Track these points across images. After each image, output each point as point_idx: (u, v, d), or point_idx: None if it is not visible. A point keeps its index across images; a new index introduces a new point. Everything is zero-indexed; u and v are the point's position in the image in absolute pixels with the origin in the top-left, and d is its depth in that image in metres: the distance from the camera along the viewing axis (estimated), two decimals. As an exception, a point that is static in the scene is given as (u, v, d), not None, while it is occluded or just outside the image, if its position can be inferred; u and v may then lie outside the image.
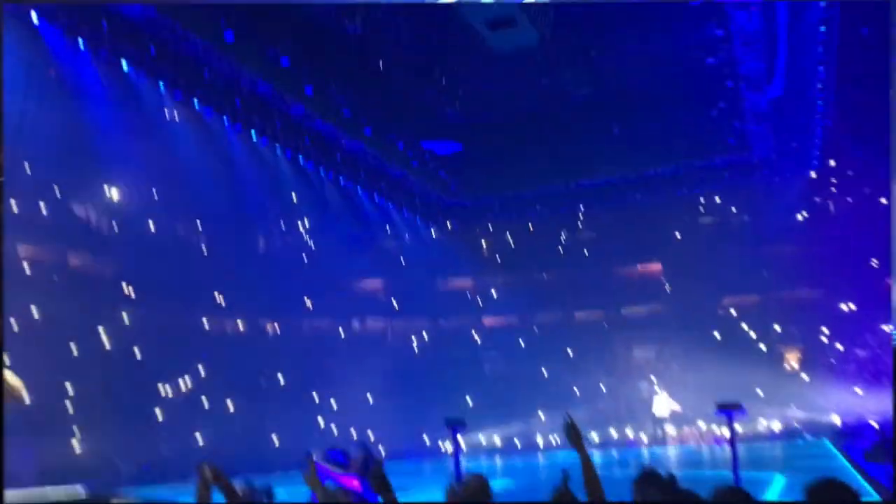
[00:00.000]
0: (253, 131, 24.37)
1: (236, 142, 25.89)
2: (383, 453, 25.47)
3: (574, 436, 5.49)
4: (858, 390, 29.43)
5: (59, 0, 17.49)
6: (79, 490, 11.30)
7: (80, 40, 18.52)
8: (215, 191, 30.20)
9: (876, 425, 25.40)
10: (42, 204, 30.17)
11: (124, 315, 32.57)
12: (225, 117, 23.18)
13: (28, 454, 22.00)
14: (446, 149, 29.73)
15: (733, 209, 36.88)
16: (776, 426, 30.51)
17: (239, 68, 21.10)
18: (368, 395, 34.38)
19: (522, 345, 38.37)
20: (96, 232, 32.80)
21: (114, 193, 32.82)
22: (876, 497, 13.87)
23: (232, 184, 29.81)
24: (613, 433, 32.46)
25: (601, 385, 35.37)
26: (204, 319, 35.04)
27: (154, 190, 32.58)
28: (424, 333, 40.00)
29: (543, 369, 36.08)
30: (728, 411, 12.17)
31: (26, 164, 25.19)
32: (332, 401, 34.09)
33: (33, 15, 17.27)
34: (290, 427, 31.57)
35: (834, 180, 34.27)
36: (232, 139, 25.66)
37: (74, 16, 17.74)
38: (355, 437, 31.02)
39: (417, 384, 34.65)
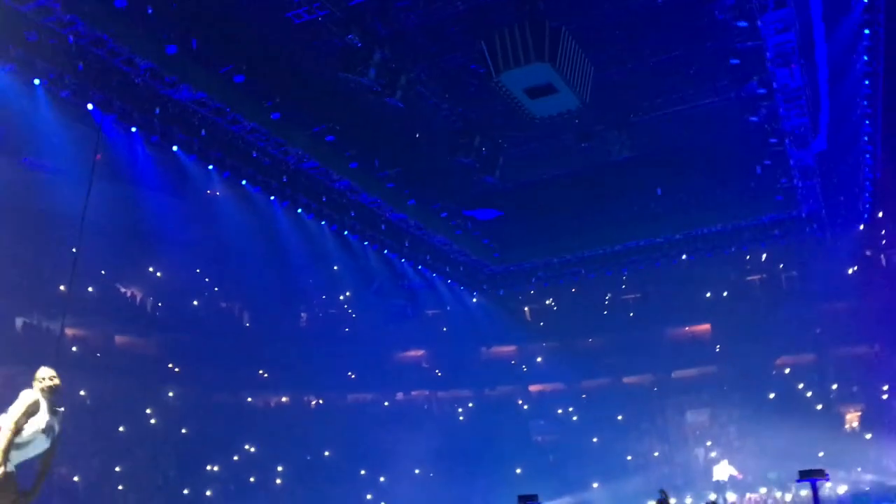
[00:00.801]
0: (299, 208, 24.56)
1: (283, 217, 26.17)
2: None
3: None
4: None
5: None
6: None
7: (134, 127, 18.90)
8: (261, 266, 30.53)
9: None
10: (89, 286, 30.68)
11: (170, 393, 32.67)
12: (272, 194, 23.43)
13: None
14: (488, 215, 29.71)
15: (781, 266, 36.27)
16: (842, 490, 29.23)
17: (285, 146, 21.39)
18: (415, 468, 33.77)
19: (571, 411, 37.64)
20: (142, 311, 33.19)
21: (159, 273, 33.30)
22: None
23: (277, 259, 30.11)
24: (672, 502, 31.31)
25: (655, 452, 34.39)
26: (248, 395, 35.02)
27: (200, 268, 33.03)
28: (470, 403, 39.45)
29: (594, 437, 35.21)
30: (812, 479, 11.63)
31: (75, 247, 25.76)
32: (380, 475, 33.55)
33: (89, 105, 17.69)
34: (339, 503, 31.03)
35: (884, 232, 33.66)
36: (279, 215, 25.93)
37: (128, 103, 18.17)
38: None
39: (465, 455, 34.04)
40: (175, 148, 20.22)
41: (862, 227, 32.89)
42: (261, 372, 34.81)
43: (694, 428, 35.39)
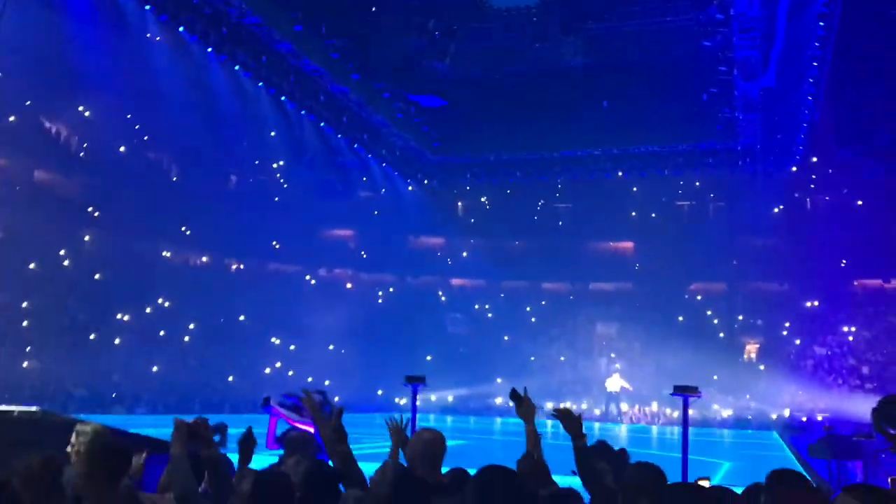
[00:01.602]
0: (237, 66, 23.62)
1: (218, 72, 25.14)
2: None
3: (524, 408, 5.21)
4: (811, 387, 29.92)
5: None
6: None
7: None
8: (193, 121, 29.48)
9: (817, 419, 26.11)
10: (11, 115, 29.35)
11: (87, 237, 32.01)
12: (210, 46, 22.43)
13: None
14: (433, 102, 29.23)
15: (711, 195, 36.99)
16: (727, 413, 30.91)
17: (228, -4, 20.42)
18: (329, 343, 34.22)
19: (487, 308, 38.47)
20: (65, 149, 32.02)
21: (87, 112, 31.97)
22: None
23: (209, 115, 29.11)
24: (567, 406, 32.65)
25: (561, 357, 35.58)
26: (167, 250, 34.58)
27: (131, 114, 31.82)
28: (391, 287, 39.88)
29: (505, 336, 36.17)
30: (684, 395, 12.04)
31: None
32: (291, 345, 33.92)
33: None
34: (246, 368, 31.37)
35: (814, 176, 34.41)
36: (214, 69, 24.89)
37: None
38: (311, 382, 30.99)
39: (379, 337, 34.56)
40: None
41: (794, 168, 33.56)
42: (183, 229, 34.25)
43: (601, 339, 36.62)
